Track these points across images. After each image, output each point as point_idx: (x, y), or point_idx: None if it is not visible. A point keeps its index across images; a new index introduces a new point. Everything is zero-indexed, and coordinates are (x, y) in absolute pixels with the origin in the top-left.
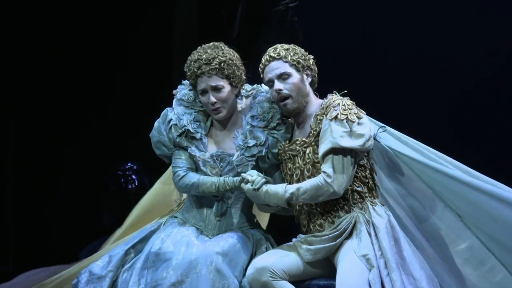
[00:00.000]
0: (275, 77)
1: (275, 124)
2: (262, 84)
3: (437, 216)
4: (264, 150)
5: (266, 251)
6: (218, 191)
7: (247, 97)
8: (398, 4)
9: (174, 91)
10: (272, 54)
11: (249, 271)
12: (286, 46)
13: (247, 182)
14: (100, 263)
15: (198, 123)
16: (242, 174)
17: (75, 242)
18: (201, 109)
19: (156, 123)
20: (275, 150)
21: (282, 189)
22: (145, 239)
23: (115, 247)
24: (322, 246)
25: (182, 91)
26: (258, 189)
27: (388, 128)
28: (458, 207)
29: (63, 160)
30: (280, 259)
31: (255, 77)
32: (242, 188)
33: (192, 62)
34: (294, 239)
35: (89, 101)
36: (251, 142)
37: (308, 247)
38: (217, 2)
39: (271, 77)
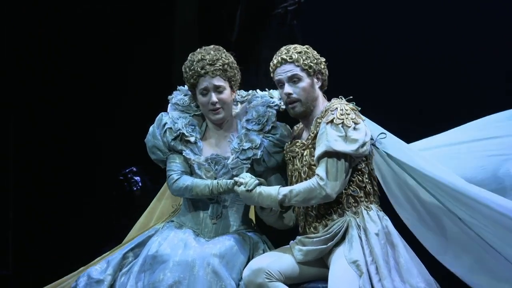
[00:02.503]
0: (285, 80)
1: (270, 127)
2: (257, 90)
3: (443, 220)
4: (259, 153)
5: (262, 253)
6: (212, 193)
7: (242, 102)
8: (397, 5)
9: (169, 97)
10: (285, 57)
11: (245, 272)
12: (299, 48)
13: (240, 184)
14: (98, 267)
15: (193, 127)
16: (235, 178)
17: (75, 243)
18: (196, 113)
19: (150, 128)
20: (273, 150)
21: (275, 191)
22: (142, 244)
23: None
24: (313, 248)
25: (178, 96)
26: (251, 190)
27: (389, 134)
28: (459, 211)
29: (63, 160)
30: (276, 261)
31: (258, 80)
32: (235, 191)
33: (195, 62)
34: (291, 242)
35: (89, 101)
36: (246, 145)
37: (301, 247)
38: (217, 2)
39: (281, 79)
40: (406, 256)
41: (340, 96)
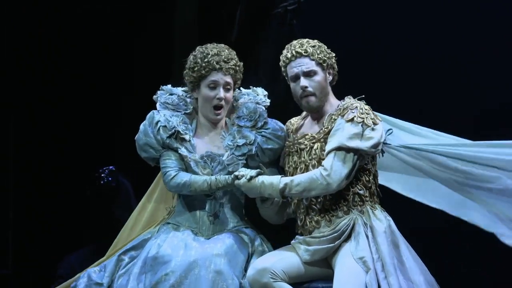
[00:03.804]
0: (301, 74)
1: (262, 123)
2: (241, 88)
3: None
4: (254, 149)
5: (261, 249)
6: (210, 189)
7: None
8: (398, 5)
9: (154, 97)
10: (300, 50)
11: (250, 272)
12: (312, 42)
13: (241, 177)
14: (97, 269)
15: (186, 125)
16: (234, 173)
17: (74, 242)
18: (186, 112)
19: (141, 126)
20: (268, 146)
21: (277, 180)
22: (138, 246)
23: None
24: (320, 247)
25: (163, 95)
26: (254, 176)
27: (395, 123)
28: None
29: (63, 160)
30: (281, 260)
31: (258, 80)
32: (236, 185)
33: (210, 56)
34: (292, 241)
35: (89, 101)
36: (241, 141)
37: (307, 247)
38: (217, 2)
39: (297, 73)
40: (408, 255)
41: (349, 96)
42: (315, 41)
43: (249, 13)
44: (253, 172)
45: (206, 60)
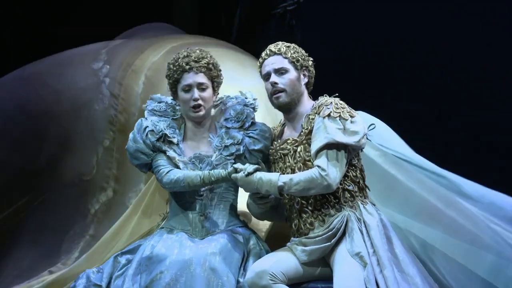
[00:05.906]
0: (272, 71)
1: (249, 124)
2: (230, 94)
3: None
4: (241, 149)
5: (257, 248)
6: (204, 183)
7: (216, 105)
8: (396, 5)
9: (143, 106)
10: (273, 49)
11: (249, 275)
12: (287, 43)
13: (240, 171)
14: (95, 270)
15: (173, 129)
16: (234, 165)
17: None
18: (173, 117)
19: (131, 135)
20: (255, 147)
21: (275, 177)
22: (134, 250)
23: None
24: (317, 247)
25: (152, 104)
26: (252, 173)
27: (378, 123)
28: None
29: None
30: (279, 262)
31: None
32: (233, 178)
33: (180, 58)
34: (288, 243)
35: None
36: (228, 142)
37: (303, 248)
38: (216, 5)
39: (268, 71)
40: (401, 247)
41: (324, 94)
42: (293, 44)
43: (249, 13)
44: (250, 168)
45: (176, 64)
